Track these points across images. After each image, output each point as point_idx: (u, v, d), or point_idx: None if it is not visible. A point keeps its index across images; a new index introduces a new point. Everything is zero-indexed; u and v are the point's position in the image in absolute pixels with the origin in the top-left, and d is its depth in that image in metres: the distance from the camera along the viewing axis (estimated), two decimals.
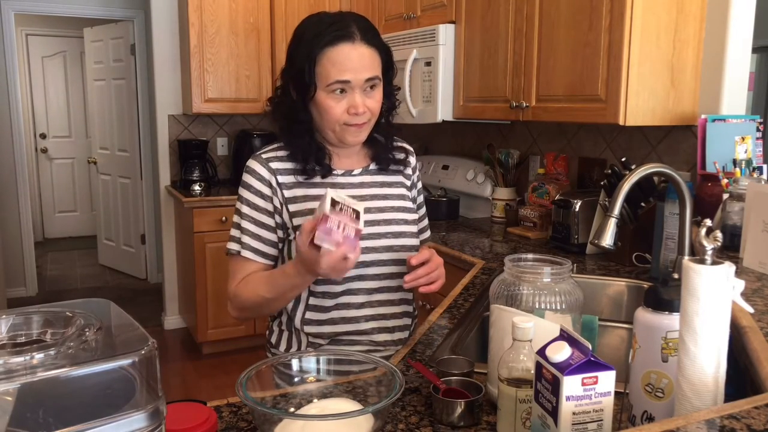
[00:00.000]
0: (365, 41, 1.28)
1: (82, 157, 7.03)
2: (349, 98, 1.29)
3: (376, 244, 1.36)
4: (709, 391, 0.83)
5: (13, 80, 4.89)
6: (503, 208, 2.88)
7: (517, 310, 1.02)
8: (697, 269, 0.82)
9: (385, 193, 1.42)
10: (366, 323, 1.38)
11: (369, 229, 1.33)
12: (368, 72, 1.29)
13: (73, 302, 0.78)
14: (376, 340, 1.38)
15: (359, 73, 1.27)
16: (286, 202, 1.35)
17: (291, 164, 1.36)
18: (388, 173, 1.45)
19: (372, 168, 1.43)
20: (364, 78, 1.28)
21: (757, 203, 1.68)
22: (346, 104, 1.29)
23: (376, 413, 0.91)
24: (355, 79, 1.27)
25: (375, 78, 1.30)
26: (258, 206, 1.35)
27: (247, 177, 1.36)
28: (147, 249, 5.43)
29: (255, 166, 1.36)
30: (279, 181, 1.35)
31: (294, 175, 1.36)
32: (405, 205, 1.44)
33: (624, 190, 1.44)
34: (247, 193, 1.35)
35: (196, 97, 3.91)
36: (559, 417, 0.80)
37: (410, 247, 1.40)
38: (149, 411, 0.67)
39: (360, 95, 1.29)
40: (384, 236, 1.37)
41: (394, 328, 1.41)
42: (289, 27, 3.99)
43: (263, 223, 1.35)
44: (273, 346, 1.45)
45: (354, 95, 1.29)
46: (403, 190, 1.46)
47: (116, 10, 5.02)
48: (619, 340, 1.61)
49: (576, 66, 2.18)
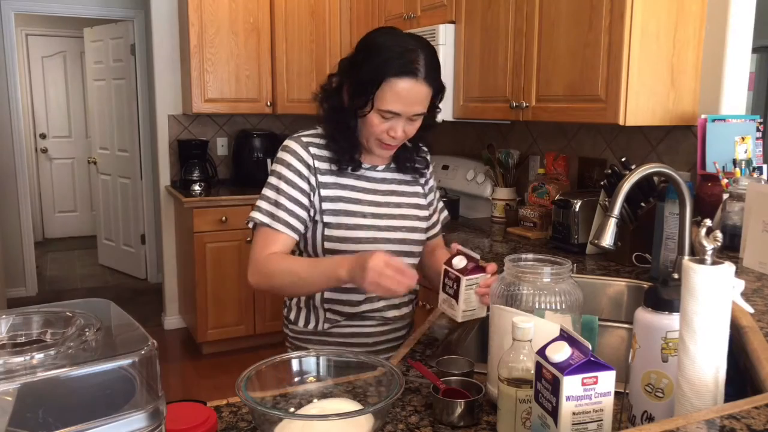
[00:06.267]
0: (427, 80, 1.36)
1: (82, 157, 7.03)
2: (393, 122, 1.39)
3: (391, 236, 1.48)
4: (709, 391, 0.83)
5: (13, 80, 4.89)
6: (503, 208, 2.88)
7: (517, 310, 1.02)
8: (697, 269, 0.82)
9: (403, 190, 1.54)
10: (378, 302, 1.51)
11: (387, 221, 1.47)
12: (419, 108, 1.38)
13: (73, 302, 0.78)
14: (386, 316, 1.53)
15: (411, 107, 1.37)
16: (319, 186, 1.44)
17: (327, 152, 1.46)
18: (406, 172, 1.56)
19: (392, 166, 1.55)
20: (413, 112, 1.38)
21: (757, 203, 1.68)
22: (388, 126, 1.39)
23: (376, 413, 0.91)
24: (405, 111, 1.37)
25: (421, 114, 1.40)
26: (296, 184, 1.42)
27: (287, 156, 1.44)
28: (147, 249, 5.43)
29: (295, 147, 1.44)
30: (316, 166, 1.44)
31: (329, 163, 1.45)
32: (419, 203, 1.56)
33: (624, 190, 1.44)
34: (286, 170, 1.43)
35: (196, 97, 3.91)
36: (559, 417, 0.80)
37: (420, 241, 1.55)
38: (149, 411, 0.67)
39: (403, 124, 1.39)
40: (399, 229, 1.49)
41: (400, 305, 1.56)
42: (289, 27, 3.99)
43: (299, 201, 1.42)
44: (291, 323, 1.57)
45: (398, 122, 1.39)
46: (418, 188, 1.58)
47: (116, 10, 5.02)
48: (619, 340, 1.61)
49: (576, 66, 2.18)
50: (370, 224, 1.45)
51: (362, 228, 1.44)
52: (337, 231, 1.43)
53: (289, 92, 4.09)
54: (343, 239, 1.43)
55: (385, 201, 1.49)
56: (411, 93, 1.34)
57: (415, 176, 1.57)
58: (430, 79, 1.36)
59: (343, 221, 1.43)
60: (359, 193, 1.47)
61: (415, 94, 1.35)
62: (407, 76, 1.33)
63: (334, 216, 1.43)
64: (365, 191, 1.48)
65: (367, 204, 1.46)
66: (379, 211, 1.47)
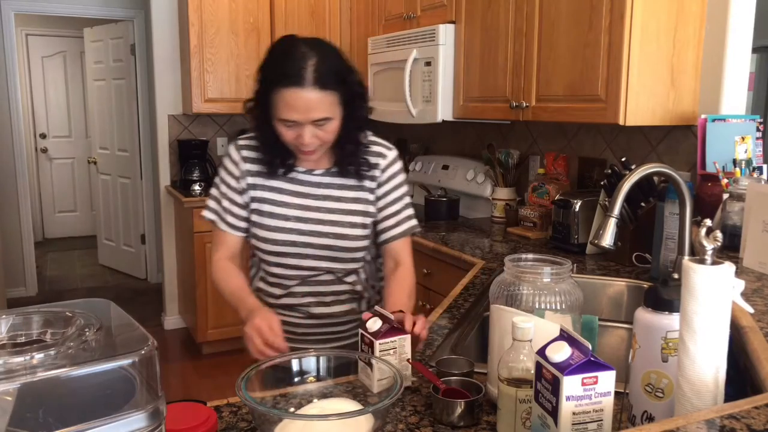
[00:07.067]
0: (317, 86, 1.33)
1: (82, 157, 7.02)
2: (298, 130, 1.38)
3: (315, 241, 1.48)
4: (709, 391, 0.83)
5: (13, 80, 4.89)
6: (503, 208, 2.88)
7: (517, 310, 1.02)
8: (697, 269, 0.82)
9: (341, 195, 1.50)
10: (303, 298, 1.54)
11: (312, 226, 1.47)
12: (316, 114, 1.35)
13: (73, 302, 0.78)
14: (312, 311, 1.55)
15: (306, 115, 1.35)
16: (249, 188, 1.51)
17: (259, 154, 1.50)
18: (349, 176, 1.51)
19: (333, 170, 1.52)
20: (311, 119, 1.35)
21: (757, 203, 1.68)
22: (295, 134, 1.38)
23: (376, 413, 0.91)
24: (302, 119, 1.35)
25: (324, 119, 1.36)
26: (232, 186, 1.52)
27: (225, 159, 1.55)
28: (147, 249, 5.43)
29: (231, 150, 1.54)
30: (246, 168, 1.50)
31: (260, 165, 1.50)
32: (359, 209, 1.51)
33: (624, 190, 1.44)
34: (223, 173, 1.54)
35: (196, 97, 3.91)
36: (559, 417, 0.80)
37: (351, 248, 1.50)
38: (149, 411, 0.67)
39: (309, 130, 1.37)
40: (326, 235, 1.48)
41: (331, 303, 1.55)
42: (289, 27, 3.99)
43: (235, 202, 1.52)
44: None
45: (303, 129, 1.37)
46: (362, 194, 1.52)
47: (116, 10, 5.02)
48: (619, 340, 1.61)
49: (576, 66, 2.18)
50: (291, 227, 1.47)
51: (282, 231, 1.48)
52: (259, 231, 1.49)
53: None
54: (264, 240, 1.49)
55: (316, 205, 1.48)
56: (299, 101, 1.32)
57: (360, 181, 1.51)
58: (321, 84, 1.33)
59: (266, 222, 1.49)
60: (287, 195, 1.49)
61: (304, 102, 1.33)
62: (292, 85, 1.32)
63: (259, 216, 1.49)
64: (294, 194, 1.49)
65: (293, 207, 1.48)
66: (306, 215, 1.48)
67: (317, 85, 1.32)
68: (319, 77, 1.32)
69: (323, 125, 1.37)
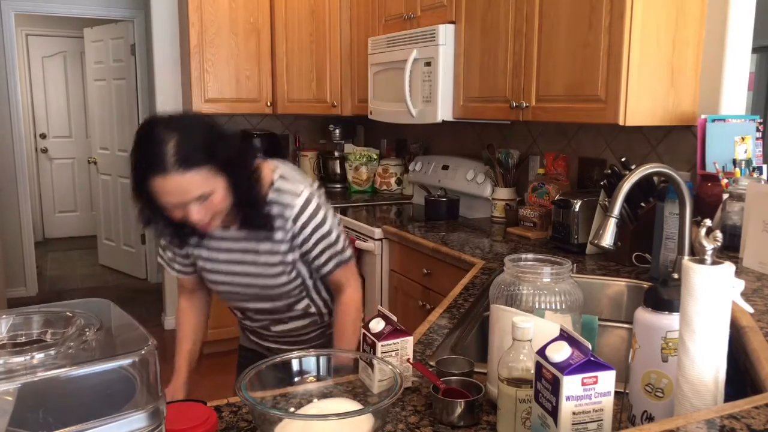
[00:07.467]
0: (182, 168, 1.26)
1: (82, 157, 7.02)
2: (183, 209, 1.34)
3: (247, 290, 1.60)
4: (709, 391, 0.83)
5: (13, 80, 4.89)
6: (503, 208, 2.88)
7: (517, 310, 1.02)
8: (697, 269, 0.82)
9: (257, 249, 1.53)
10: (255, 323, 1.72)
11: (241, 278, 1.57)
12: (191, 195, 1.30)
13: (73, 302, 0.78)
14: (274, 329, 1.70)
15: (182, 198, 1.30)
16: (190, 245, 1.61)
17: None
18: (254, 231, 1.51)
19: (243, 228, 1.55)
20: (188, 200, 1.31)
21: (757, 203, 1.68)
22: (181, 213, 1.35)
23: (376, 413, 0.91)
24: (179, 201, 1.31)
25: (202, 195, 1.32)
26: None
27: None
28: (147, 249, 5.43)
29: None
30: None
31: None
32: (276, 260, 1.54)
33: (624, 190, 1.44)
34: None
35: (196, 97, 3.91)
36: (559, 417, 0.80)
37: (285, 291, 1.59)
38: (149, 411, 0.67)
39: (194, 207, 1.33)
40: (256, 286, 1.58)
41: (287, 320, 1.67)
42: (289, 27, 3.99)
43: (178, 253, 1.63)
44: None
45: (187, 209, 1.33)
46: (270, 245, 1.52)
47: (116, 10, 5.02)
48: (619, 340, 1.61)
49: (576, 66, 2.18)
50: (224, 281, 1.59)
51: (219, 284, 1.61)
52: (206, 278, 1.63)
53: (289, 92, 4.09)
54: (211, 283, 1.64)
55: (240, 259, 1.54)
56: (169, 187, 1.27)
57: (272, 232, 1.49)
58: (185, 165, 1.26)
59: (204, 275, 1.62)
60: (214, 252, 1.56)
61: (174, 187, 1.27)
62: (156, 174, 1.26)
63: (201, 269, 1.61)
64: (219, 251, 1.56)
65: (222, 262, 1.57)
66: (233, 269, 1.56)
67: (181, 167, 1.26)
68: (181, 159, 1.26)
69: (206, 200, 1.33)
